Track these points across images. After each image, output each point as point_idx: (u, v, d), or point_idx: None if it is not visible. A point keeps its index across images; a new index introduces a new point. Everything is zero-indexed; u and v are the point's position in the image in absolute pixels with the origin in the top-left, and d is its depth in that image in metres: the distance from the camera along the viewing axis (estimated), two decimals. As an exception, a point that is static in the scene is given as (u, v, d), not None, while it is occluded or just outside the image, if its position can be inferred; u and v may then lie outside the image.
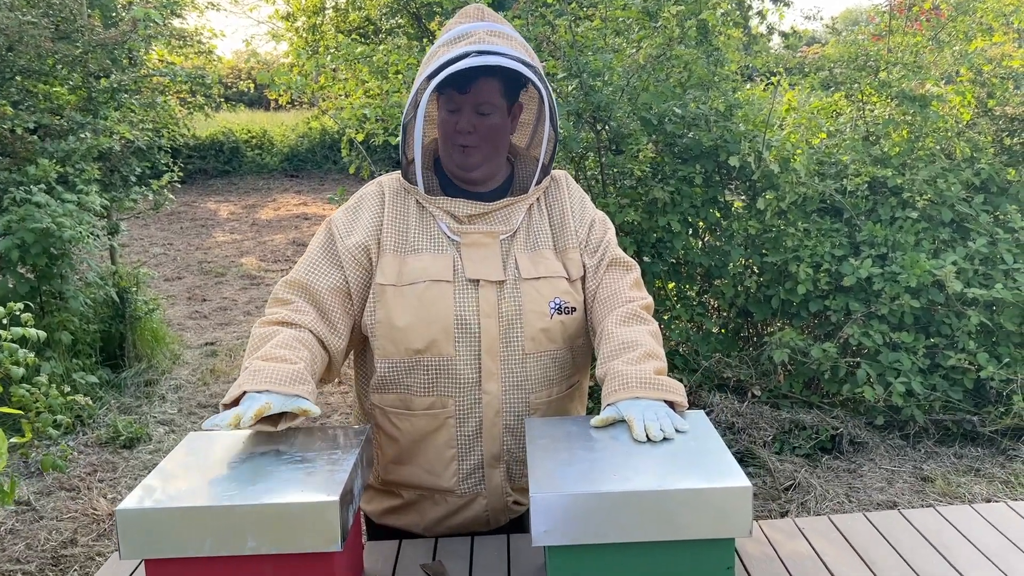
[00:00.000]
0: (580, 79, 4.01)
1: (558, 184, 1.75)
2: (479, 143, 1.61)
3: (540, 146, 1.68)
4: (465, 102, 1.59)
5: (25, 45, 4.43)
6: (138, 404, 4.77)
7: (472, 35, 1.58)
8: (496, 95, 1.61)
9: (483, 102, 1.59)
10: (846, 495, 3.56)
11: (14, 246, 4.16)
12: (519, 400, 1.62)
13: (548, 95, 1.61)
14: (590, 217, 1.73)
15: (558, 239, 1.69)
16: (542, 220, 1.69)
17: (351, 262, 1.62)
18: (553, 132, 1.66)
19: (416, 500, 1.69)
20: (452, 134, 1.62)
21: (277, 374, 1.42)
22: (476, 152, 1.62)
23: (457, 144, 1.62)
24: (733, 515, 1.24)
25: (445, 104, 1.62)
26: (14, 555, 3.21)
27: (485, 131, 1.61)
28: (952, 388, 3.96)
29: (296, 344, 1.52)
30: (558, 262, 1.66)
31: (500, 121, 1.63)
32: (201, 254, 9.19)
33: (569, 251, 1.68)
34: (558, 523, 1.24)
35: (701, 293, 4.52)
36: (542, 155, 1.68)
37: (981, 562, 1.50)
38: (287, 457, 1.39)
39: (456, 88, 1.58)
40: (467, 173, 1.65)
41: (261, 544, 1.25)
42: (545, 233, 1.68)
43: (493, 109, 1.61)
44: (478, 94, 1.58)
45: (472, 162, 1.63)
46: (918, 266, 3.84)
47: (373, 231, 1.64)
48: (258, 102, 18.66)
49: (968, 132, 4.50)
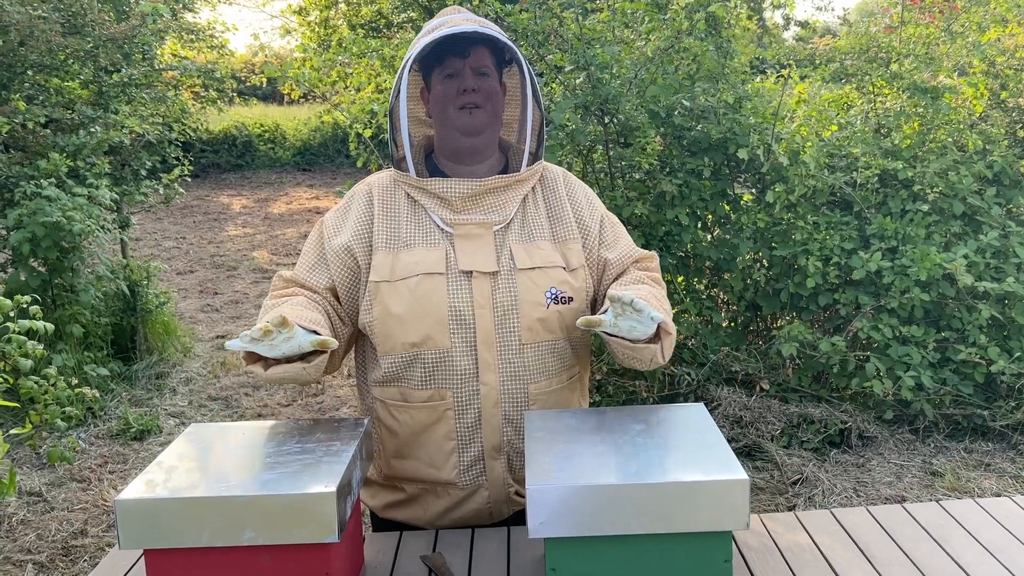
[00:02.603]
0: (588, 72, 4.00)
1: (555, 177, 1.76)
2: (483, 102, 1.64)
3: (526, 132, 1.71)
4: (465, 65, 1.64)
5: (36, 40, 4.46)
6: (149, 397, 4.80)
7: (448, 23, 1.64)
8: (490, 61, 1.67)
9: (482, 64, 1.65)
10: (854, 489, 3.54)
11: (25, 240, 4.20)
12: (518, 391, 1.63)
13: (529, 72, 1.66)
14: (600, 212, 1.76)
15: (556, 230, 1.69)
16: (538, 212, 1.70)
17: (336, 262, 1.65)
18: (538, 112, 1.69)
19: (419, 494, 1.70)
20: (455, 97, 1.64)
21: (294, 309, 1.51)
22: (481, 113, 1.64)
23: (462, 106, 1.63)
24: (730, 508, 1.24)
25: (440, 77, 1.66)
26: (25, 545, 3.24)
27: (487, 91, 1.65)
28: (962, 382, 3.93)
29: (312, 304, 1.60)
30: (556, 252, 1.66)
31: (496, 86, 1.68)
32: (213, 248, 9.24)
33: (569, 242, 1.68)
34: (555, 515, 1.24)
35: (709, 287, 4.51)
36: (528, 138, 1.70)
37: (984, 556, 1.49)
38: (286, 449, 1.40)
39: (456, 54, 1.63)
40: (472, 138, 1.66)
41: (259, 535, 1.26)
42: (541, 224, 1.68)
43: (491, 71, 1.66)
44: (476, 58, 1.64)
45: (478, 123, 1.65)
46: (928, 259, 3.81)
47: (358, 232, 1.66)
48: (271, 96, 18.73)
49: (981, 124, 4.46)
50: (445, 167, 1.72)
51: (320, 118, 14.88)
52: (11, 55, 4.60)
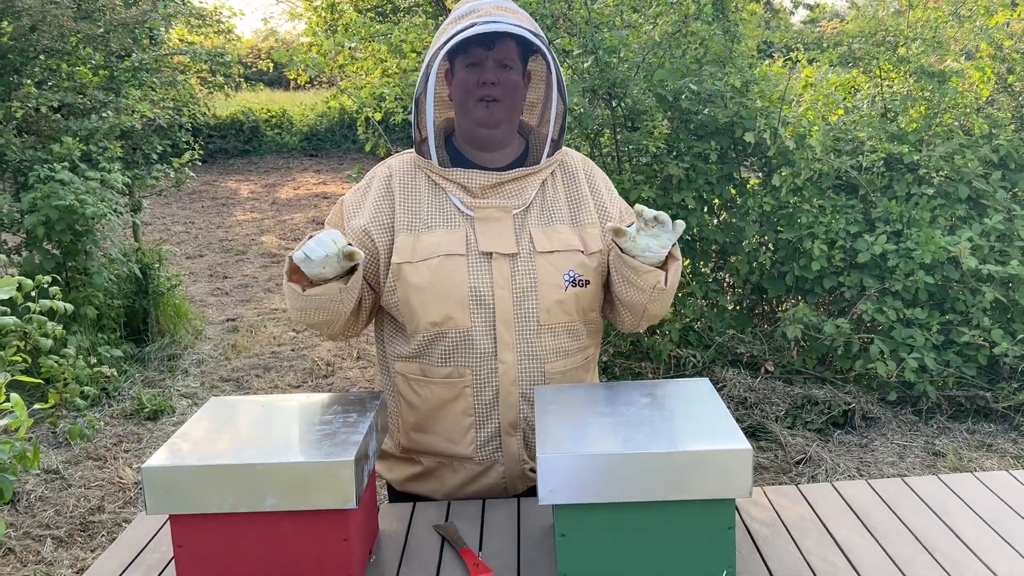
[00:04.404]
0: (596, 56, 4.02)
1: (575, 163, 1.78)
2: (503, 96, 1.66)
3: (549, 123, 1.72)
4: (488, 58, 1.65)
5: (48, 25, 4.50)
6: (161, 378, 4.87)
7: (479, 10, 1.65)
8: (515, 53, 1.67)
9: (505, 57, 1.66)
10: (857, 469, 3.59)
11: (40, 223, 4.26)
12: (535, 370, 1.67)
13: (555, 65, 1.67)
14: (619, 199, 1.79)
15: (575, 214, 1.72)
16: (557, 196, 1.72)
17: (355, 243, 1.68)
18: (562, 104, 1.70)
19: (436, 467, 1.75)
20: (475, 88, 1.65)
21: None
22: (499, 107, 1.66)
23: (480, 98, 1.65)
24: (734, 476, 1.28)
25: (464, 64, 1.67)
26: (44, 521, 3.32)
27: (508, 85, 1.66)
28: (966, 364, 3.97)
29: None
30: (575, 236, 1.69)
31: (518, 79, 1.69)
32: (222, 232, 9.29)
33: (588, 226, 1.71)
34: (564, 483, 1.29)
35: (716, 270, 4.54)
36: (551, 128, 1.72)
37: (981, 527, 1.53)
38: (304, 420, 1.45)
39: (482, 44, 1.64)
40: (489, 130, 1.68)
41: (280, 502, 1.30)
42: (560, 208, 1.71)
43: (514, 64, 1.67)
44: (500, 51, 1.65)
45: (495, 117, 1.66)
46: (933, 242, 3.84)
47: (376, 215, 1.69)
48: (278, 82, 18.70)
49: (987, 108, 4.47)
50: (465, 151, 1.74)
51: (327, 103, 14.89)
52: (23, 40, 4.64)
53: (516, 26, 1.61)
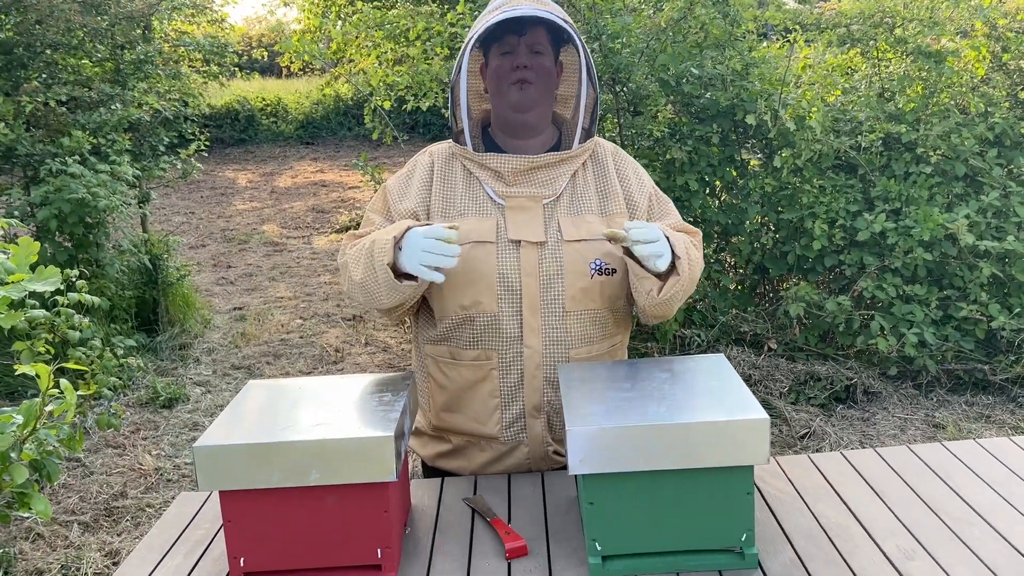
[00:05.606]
0: (599, 41, 4.07)
1: (606, 153, 1.83)
2: (535, 79, 1.71)
3: (579, 111, 1.77)
4: (521, 43, 1.71)
5: (55, 19, 4.53)
6: (174, 367, 4.94)
7: (512, 1, 1.70)
8: (546, 40, 1.74)
9: (536, 43, 1.72)
10: (859, 442, 3.68)
11: (52, 216, 4.32)
12: (559, 355, 1.73)
13: (587, 55, 1.72)
14: (649, 188, 1.83)
15: (604, 204, 1.77)
16: (587, 186, 1.78)
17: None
18: (593, 92, 1.76)
19: (464, 446, 1.82)
20: (509, 72, 1.71)
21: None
22: (532, 89, 1.71)
23: (514, 81, 1.71)
24: (752, 445, 1.35)
25: (498, 53, 1.73)
26: (69, 507, 3.40)
27: (540, 69, 1.72)
28: (964, 338, 4.05)
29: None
30: (603, 226, 1.74)
31: (551, 65, 1.75)
32: (223, 222, 9.33)
33: (616, 216, 1.76)
34: (592, 454, 1.36)
35: (718, 251, 4.61)
36: (580, 116, 1.77)
37: (984, 489, 1.61)
38: (342, 400, 1.52)
39: (513, 32, 1.70)
40: (523, 114, 1.74)
41: (324, 476, 1.37)
42: (590, 199, 1.76)
43: (545, 50, 1.74)
44: (532, 36, 1.71)
45: (529, 99, 1.72)
46: (931, 220, 3.91)
47: (422, 198, 1.76)
48: (270, 70, 18.61)
49: (983, 87, 4.53)
50: (500, 140, 1.80)
51: (322, 91, 14.84)
52: (29, 34, 4.67)
53: (546, 12, 1.67)
